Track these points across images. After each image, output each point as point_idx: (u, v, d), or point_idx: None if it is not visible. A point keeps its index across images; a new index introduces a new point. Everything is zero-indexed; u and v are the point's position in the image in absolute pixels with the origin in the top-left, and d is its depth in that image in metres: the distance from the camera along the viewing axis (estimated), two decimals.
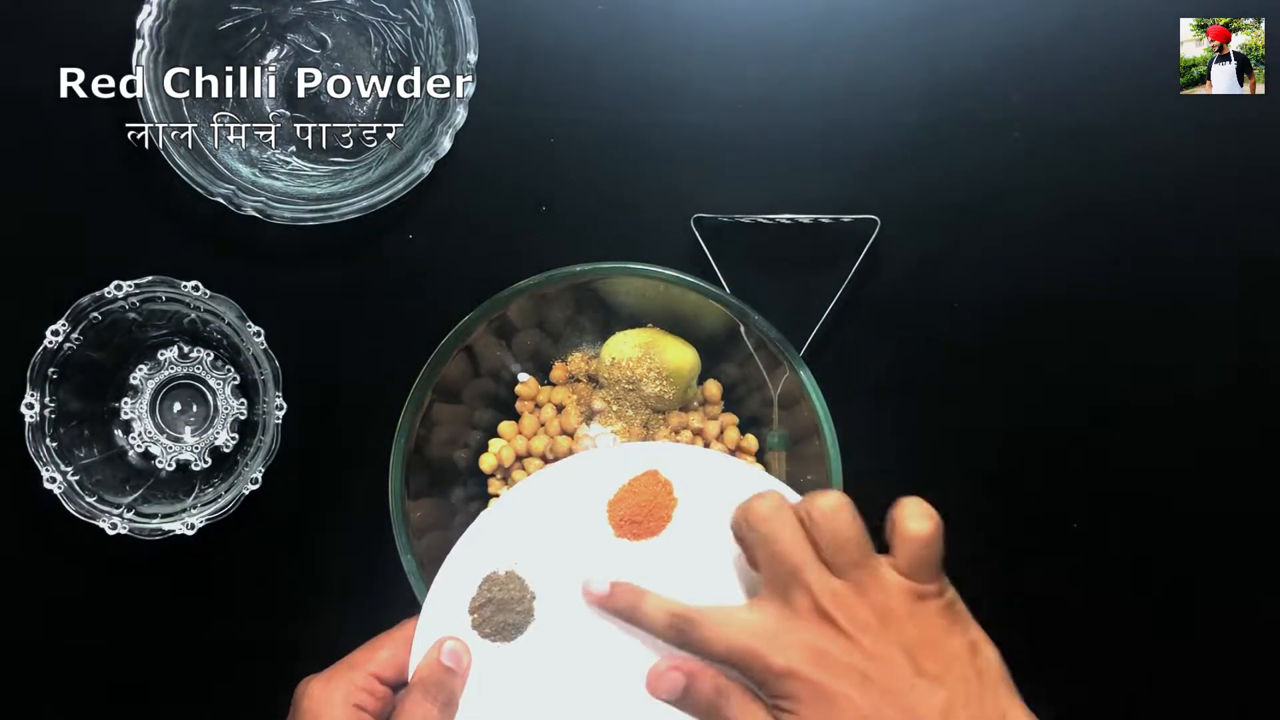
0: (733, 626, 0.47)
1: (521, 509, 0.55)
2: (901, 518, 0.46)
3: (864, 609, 0.46)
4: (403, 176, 0.64)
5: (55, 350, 0.64)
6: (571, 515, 0.55)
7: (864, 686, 0.45)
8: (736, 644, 0.47)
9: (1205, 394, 0.70)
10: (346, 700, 0.51)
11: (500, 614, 0.54)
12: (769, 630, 0.46)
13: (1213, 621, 0.70)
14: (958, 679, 0.45)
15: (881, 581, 0.46)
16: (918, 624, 0.46)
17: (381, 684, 0.53)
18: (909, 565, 0.46)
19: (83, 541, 0.65)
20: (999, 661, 0.47)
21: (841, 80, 0.69)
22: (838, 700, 0.45)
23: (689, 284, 0.62)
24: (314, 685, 0.52)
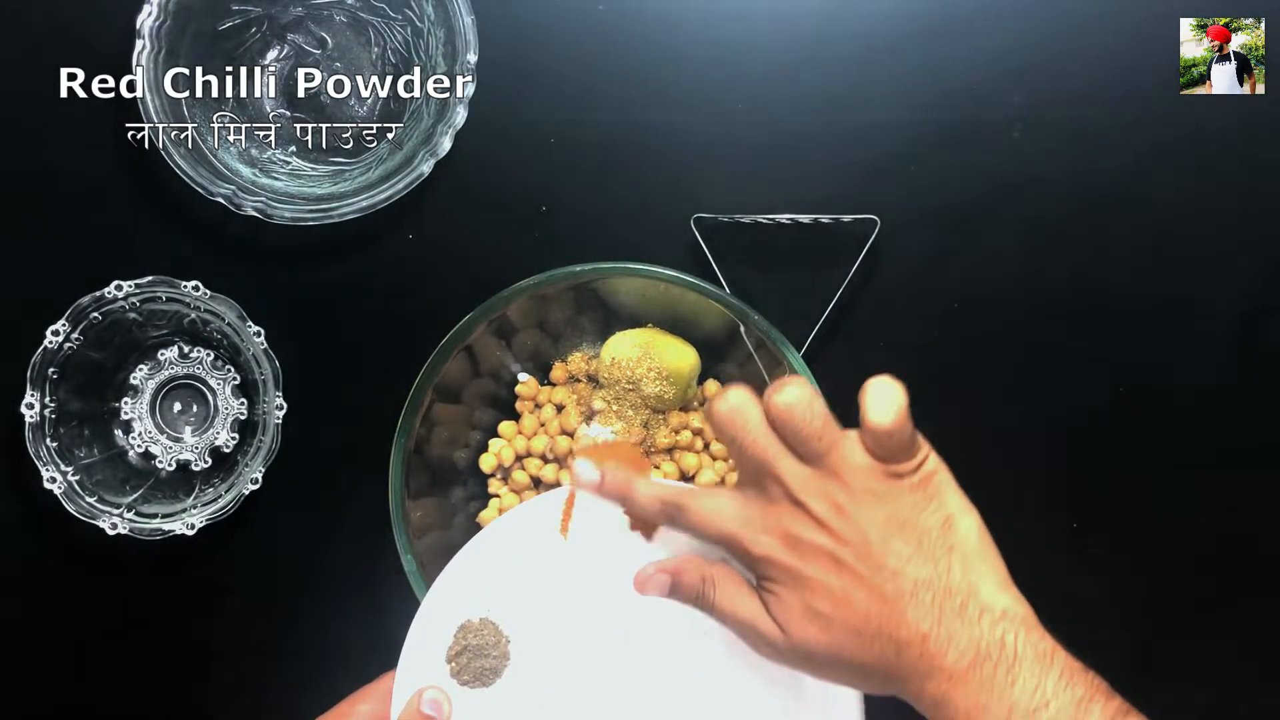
0: (716, 513, 0.48)
1: (489, 555, 0.56)
2: (865, 407, 0.46)
3: (834, 493, 0.46)
4: (403, 176, 0.64)
5: (55, 350, 0.64)
6: (539, 555, 0.55)
7: (835, 569, 0.46)
8: (720, 529, 0.48)
9: (1206, 394, 0.70)
10: None
11: (477, 660, 0.54)
12: (747, 516, 0.48)
13: (1213, 621, 0.70)
14: (926, 557, 0.46)
15: (851, 464, 0.46)
16: (889, 503, 0.46)
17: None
18: (876, 451, 0.46)
19: (83, 541, 0.65)
20: (976, 533, 0.47)
21: (841, 80, 0.69)
22: (810, 583, 0.46)
23: (689, 284, 0.62)
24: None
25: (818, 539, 0.46)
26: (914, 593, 0.45)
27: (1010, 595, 0.46)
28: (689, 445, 0.67)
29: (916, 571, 0.45)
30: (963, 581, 0.45)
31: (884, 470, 0.46)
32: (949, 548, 0.46)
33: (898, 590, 0.45)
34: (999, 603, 0.45)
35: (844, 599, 0.46)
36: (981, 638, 0.44)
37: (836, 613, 0.46)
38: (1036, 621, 0.46)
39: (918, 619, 0.45)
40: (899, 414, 0.45)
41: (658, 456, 0.66)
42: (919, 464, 0.47)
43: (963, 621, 0.45)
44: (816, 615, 0.46)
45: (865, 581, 0.46)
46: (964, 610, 0.45)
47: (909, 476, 0.46)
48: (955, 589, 0.45)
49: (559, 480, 0.66)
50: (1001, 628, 0.45)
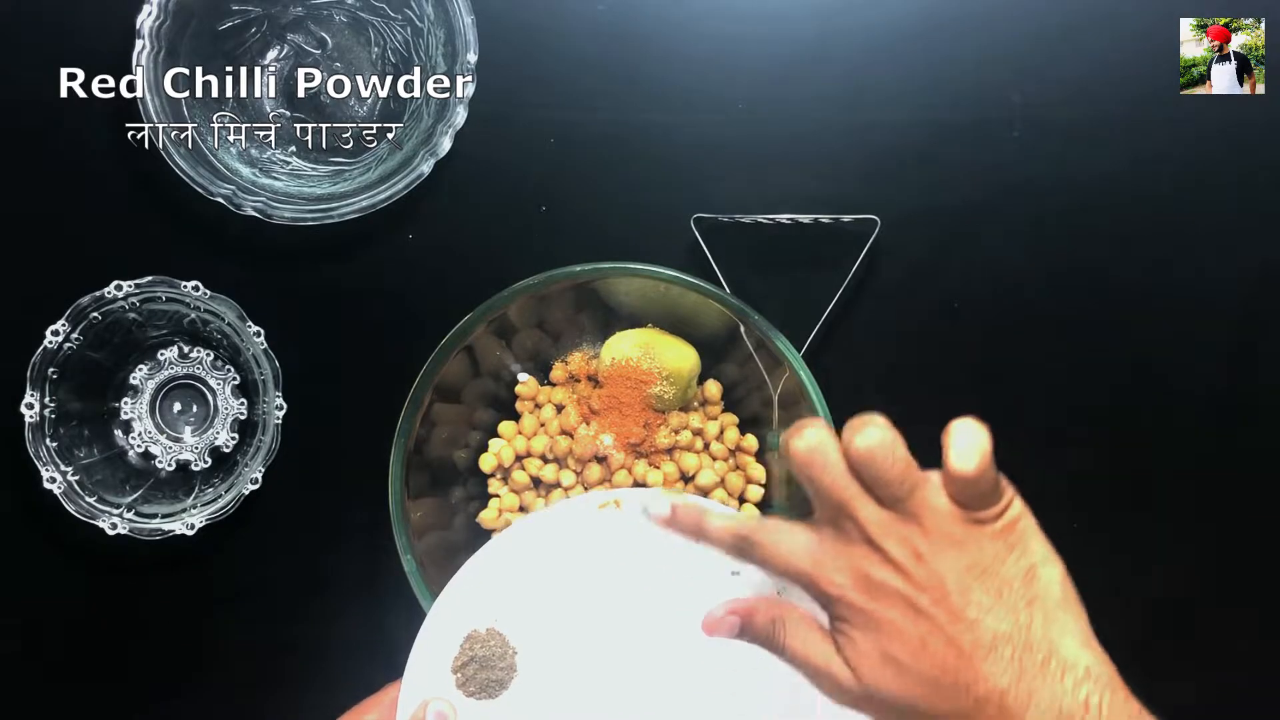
0: (789, 548, 0.47)
1: (496, 564, 0.55)
2: (947, 451, 0.44)
3: (914, 537, 0.45)
4: (403, 176, 0.64)
5: (55, 350, 0.64)
6: (547, 566, 0.55)
7: (912, 615, 0.44)
8: (795, 566, 0.46)
9: (1205, 393, 0.70)
10: None
11: (483, 671, 0.54)
12: (822, 554, 0.46)
13: (1213, 621, 0.70)
14: (1006, 609, 0.44)
15: (932, 509, 0.45)
16: (970, 550, 0.45)
17: None
18: (958, 498, 0.45)
19: (83, 541, 0.65)
20: (1059, 585, 0.45)
21: (842, 80, 0.69)
22: (885, 627, 0.45)
23: (689, 284, 0.62)
24: None
25: (894, 582, 0.45)
26: (993, 646, 0.44)
27: (1094, 653, 0.44)
28: (689, 445, 0.67)
29: (996, 623, 0.44)
30: (1044, 637, 0.44)
31: (966, 516, 0.45)
32: (1030, 600, 0.44)
33: (976, 642, 0.44)
34: (1082, 660, 0.44)
35: (920, 646, 0.44)
36: (1064, 697, 0.43)
37: (912, 660, 0.44)
38: (1121, 682, 0.44)
39: (996, 674, 0.43)
40: (982, 460, 0.44)
41: (658, 456, 0.66)
42: (1002, 510, 0.45)
43: (1044, 679, 0.43)
44: (891, 660, 0.45)
45: (943, 630, 0.44)
46: (1045, 667, 0.43)
47: (991, 524, 0.45)
48: (1036, 644, 0.44)
49: (558, 480, 0.66)
50: (1085, 688, 0.43)
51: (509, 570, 0.55)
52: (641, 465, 0.66)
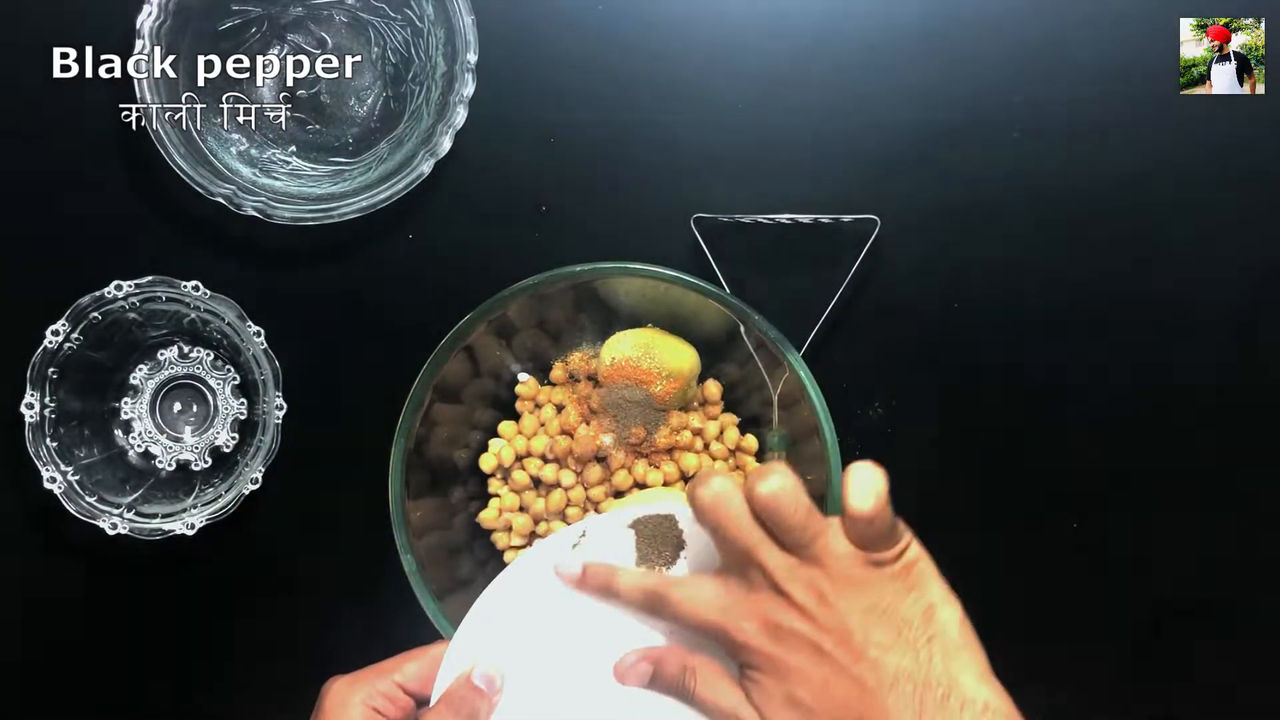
0: (698, 601, 0.49)
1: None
2: (846, 493, 0.46)
3: (817, 581, 0.47)
4: (403, 176, 0.64)
5: (55, 350, 0.64)
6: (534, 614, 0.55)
7: (817, 658, 0.46)
8: (701, 618, 0.49)
9: (1205, 393, 0.70)
10: (366, 702, 0.52)
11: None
12: (730, 604, 0.48)
13: (1213, 621, 0.70)
14: (906, 647, 0.46)
15: (833, 554, 0.46)
16: (871, 592, 0.46)
17: (405, 694, 0.53)
18: (858, 539, 0.46)
19: (83, 541, 0.65)
20: (957, 623, 0.47)
21: (842, 81, 0.69)
22: (792, 672, 0.46)
23: (689, 284, 0.62)
24: (338, 684, 0.53)
25: (799, 627, 0.46)
26: (894, 683, 0.45)
27: (991, 688, 0.46)
28: (689, 445, 0.67)
29: (897, 661, 0.46)
30: (944, 673, 0.45)
31: (866, 559, 0.47)
32: (929, 638, 0.46)
33: (878, 680, 0.45)
34: (980, 695, 0.45)
35: (824, 688, 0.46)
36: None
37: (817, 702, 0.46)
38: (1018, 715, 0.46)
39: (899, 710, 0.45)
40: (878, 500, 0.46)
41: (658, 457, 0.66)
42: (900, 552, 0.47)
43: (944, 714, 0.45)
44: (797, 704, 0.46)
45: (846, 670, 0.46)
46: (945, 702, 0.45)
47: (890, 565, 0.47)
48: (936, 680, 0.45)
49: (558, 480, 0.66)
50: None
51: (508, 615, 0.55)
52: (641, 465, 0.66)
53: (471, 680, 0.53)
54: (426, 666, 0.54)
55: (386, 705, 0.53)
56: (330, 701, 0.52)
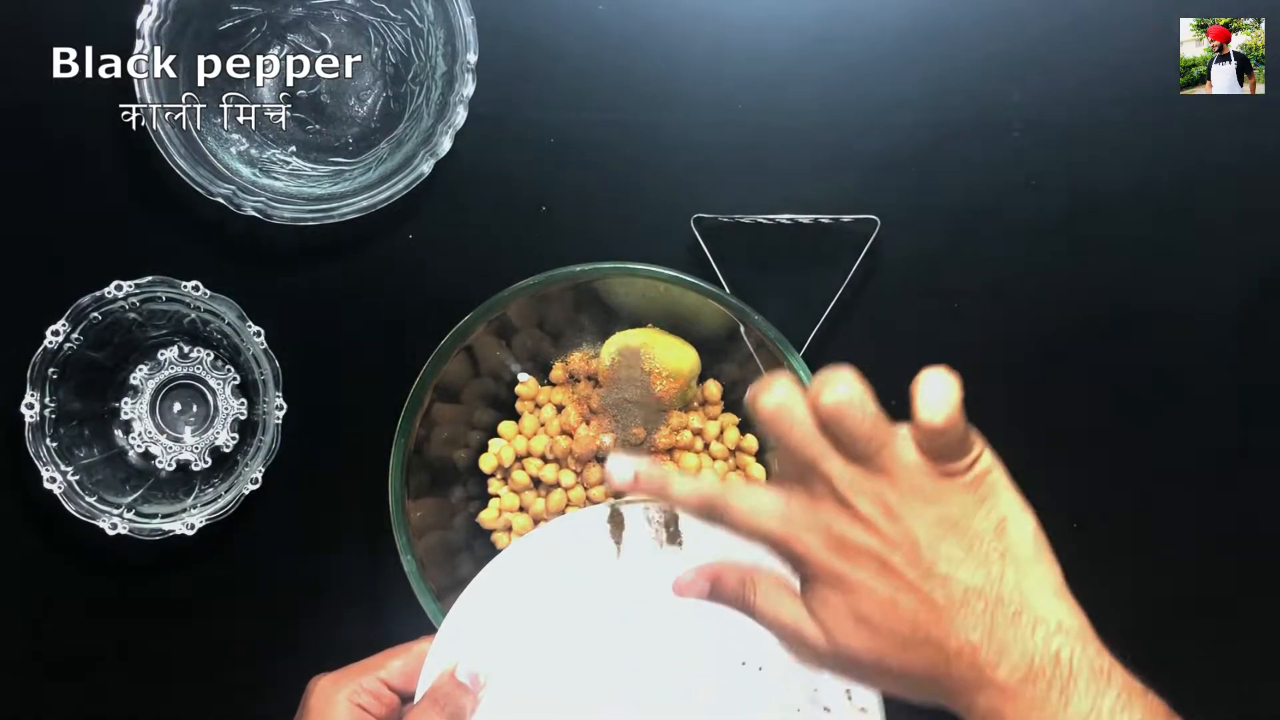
0: (758, 511, 0.46)
1: (547, 547, 0.55)
2: (916, 404, 0.43)
3: (884, 493, 0.44)
4: (403, 176, 0.64)
5: (55, 350, 0.64)
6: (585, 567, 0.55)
7: (883, 573, 0.44)
8: (762, 527, 0.46)
9: (1205, 394, 0.70)
10: (351, 699, 0.52)
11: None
12: (790, 515, 0.45)
13: (1213, 621, 0.70)
14: (977, 563, 0.43)
15: (901, 464, 0.44)
16: (940, 504, 0.44)
17: (390, 691, 0.53)
18: (928, 450, 0.44)
19: (83, 541, 0.65)
20: (1031, 537, 0.45)
21: (842, 80, 0.69)
22: (856, 587, 0.44)
23: (689, 284, 0.62)
24: (322, 682, 0.53)
25: (865, 540, 0.44)
26: (964, 601, 0.43)
27: (1066, 606, 0.44)
28: (689, 445, 0.67)
29: (968, 578, 0.43)
30: (1015, 590, 0.43)
31: (936, 469, 0.44)
32: (1002, 553, 0.44)
33: (948, 597, 0.43)
34: (1054, 614, 0.43)
35: (891, 604, 0.44)
36: (1035, 651, 0.42)
37: (883, 619, 0.44)
38: (1093, 635, 0.44)
39: (968, 629, 0.43)
40: (952, 411, 0.43)
41: (658, 456, 0.66)
42: (972, 463, 0.44)
43: (1015, 633, 0.43)
44: (862, 620, 0.44)
45: (914, 587, 0.43)
46: (1017, 621, 0.43)
47: (961, 476, 0.44)
48: (1008, 598, 0.43)
49: (558, 480, 0.66)
50: (1057, 642, 0.42)
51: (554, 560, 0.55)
52: None
53: (455, 677, 0.53)
54: (411, 663, 0.54)
55: (372, 702, 0.52)
56: (315, 700, 0.52)
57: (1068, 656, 0.42)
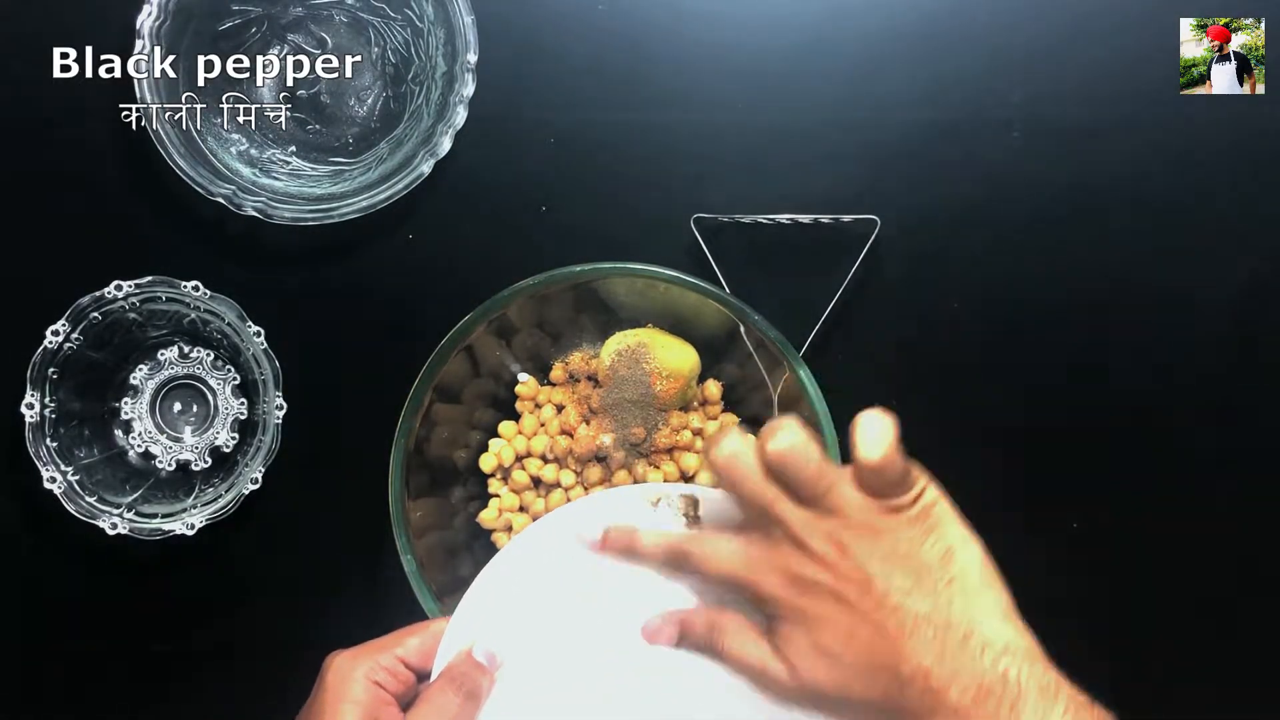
0: (721, 556, 0.49)
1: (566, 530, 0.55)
2: (855, 443, 0.46)
3: (835, 531, 0.47)
4: (403, 176, 0.64)
5: (55, 350, 0.64)
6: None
7: (840, 606, 0.46)
8: (725, 572, 0.49)
9: (1205, 394, 0.70)
10: (368, 676, 0.52)
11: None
12: (751, 558, 0.48)
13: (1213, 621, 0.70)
14: (925, 591, 0.46)
15: (849, 503, 0.47)
16: (888, 538, 0.47)
17: (406, 668, 0.53)
18: (870, 487, 0.47)
19: (83, 541, 0.65)
20: (978, 564, 0.47)
21: (842, 80, 0.69)
22: (816, 621, 0.47)
23: (689, 284, 0.62)
24: (339, 659, 0.53)
25: (820, 577, 0.47)
26: (915, 628, 0.45)
27: (1013, 627, 0.46)
28: (689, 445, 0.67)
29: (917, 605, 0.46)
30: (964, 615, 0.46)
31: (881, 506, 0.47)
32: (949, 580, 0.46)
33: (899, 625, 0.46)
34: (1001, 636, 0.45)
35: (849, 635, 0.46)
36: (984, 673, 0.44)
37: (843, 649, 0.46)
38: (1040, 654, 0.46)
39: (919, 654, 0.45)
40: (888, 449, 0.46)
41: (658, 456, 0.66)
42: (915, 497, 0.47)
43: (965, 656, 0.45)
44: (823, 653, 0.47)
45: (868, 617, 0.46)
46: (966, 644, 0.45)
47: (906, 510, 0.47)
48: (956, 623, 0.45)
49: (559, 480, 0.66)
50: (1004, 662, 0.44)
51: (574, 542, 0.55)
52: (641, 465, 0.66)
53: (472, 656, 0.53)
54: (428, 641, 0.54)
55: (388, 679, 0.52)
56: (332, 676, 0.52)
57: (1015, 676, 0.44)
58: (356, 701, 0.51)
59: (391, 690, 0.52)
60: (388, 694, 0.52)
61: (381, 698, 0.52)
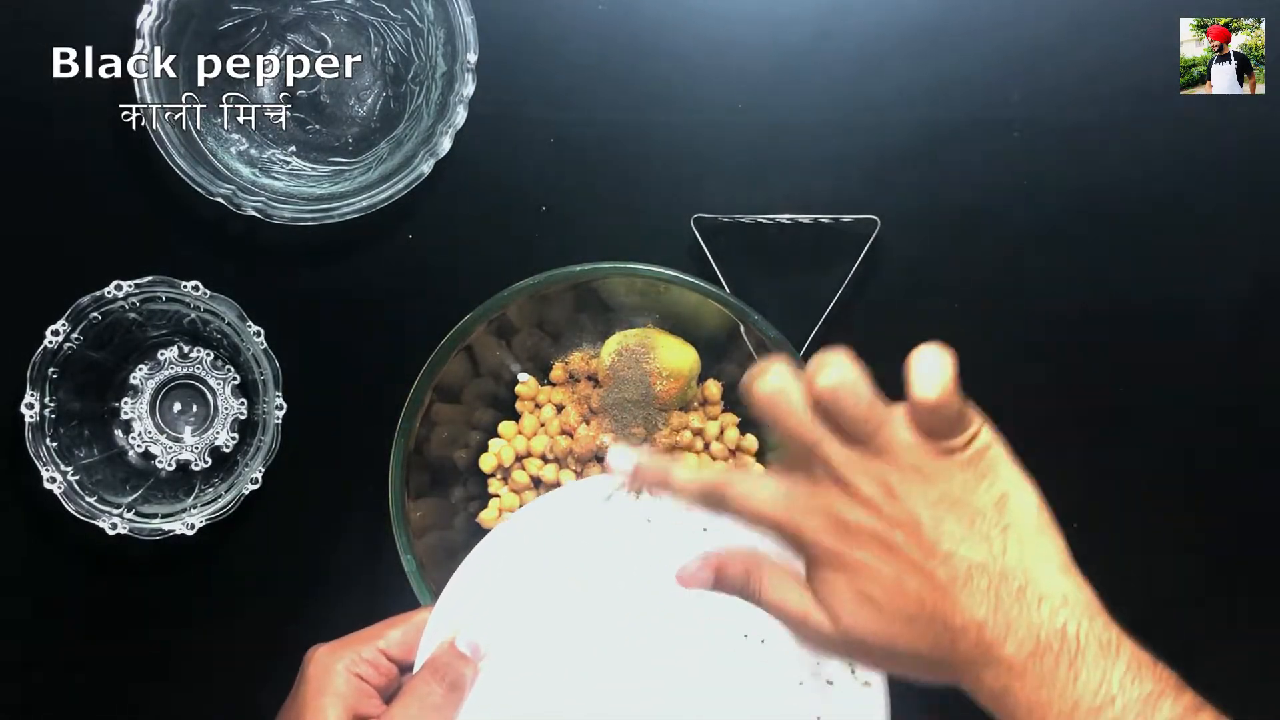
0: (759, 497, 0.46)
1: (544, 520, 0.55)
2: (910, 381, 0.43)
3: (883, 473, 0.44)
4: (403, 176, 0.64)
5: (55, 350, 0.64)
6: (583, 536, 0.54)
7: (886, 553, 0.44)
8: (765, 513, 0.46)
9: (1206, 394, 0.70)
10: (349, 669, 0.52)
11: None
12: (792, 499, 0.45)
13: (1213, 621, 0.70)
14: (979, 539, 0.43)
15: (900, 444, 0.44)
16: (940, 482, 0.44)
17: (388, 661, 0.53)
18: (924, 428, 0.44)
19: (83, 541, 0.65)
20: (1034, 511, 0.44)
21: (842, 80, 0.69)
22: (861, 568, 0.44)
23: (689, 284, 0.62)
24: (320, 651, 0.53)
25: (866, 521, 0.44)
26: (968, 577, 0.42)
27: (1071, 579, 0.43)
28: (689, 445, 0.67)
29: (970, 554, 0.43)
30: (1019, 564, 0.43)
31: (933, 448, 0.44)
32: (1004, 527, 0.43)
33: (951, 574, 0.43)
34: (1059, 588, 0.43)
35: (896, 584, 0.43)
36: (1041, 626, 0.42)
37: (888, 599, 0.43)
38: (1100, 607, 0.43)
39: (972, 605, 0.42)
40: (945, 388, 0.43)
41: None
42: (970, 439, 0.44)
43: (1020, 608, 0.42)
44: (868, 602, 0.44)
45: (917, 566, 0.43)
46: (1021, 596, 0.42)
47: (960, 453, 0.44)
48: (1011, 573, 0.43)
49: (559, 480, 0.66)
50: (1063, 615, 0.42)
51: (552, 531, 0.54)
52: None
53: (455, 647, 0.52)
54: (410, 633, 0.53)
55: (370, 672, 0.52)
56: (314, 669, 0.52)
57: (1074, 631, 0.42)
58: (338, 694, 0.51)
59: (374, 683, 0.52)
60: (370, 686, 0.52)
61: (364, 690, 0.52)
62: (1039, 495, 0.45)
